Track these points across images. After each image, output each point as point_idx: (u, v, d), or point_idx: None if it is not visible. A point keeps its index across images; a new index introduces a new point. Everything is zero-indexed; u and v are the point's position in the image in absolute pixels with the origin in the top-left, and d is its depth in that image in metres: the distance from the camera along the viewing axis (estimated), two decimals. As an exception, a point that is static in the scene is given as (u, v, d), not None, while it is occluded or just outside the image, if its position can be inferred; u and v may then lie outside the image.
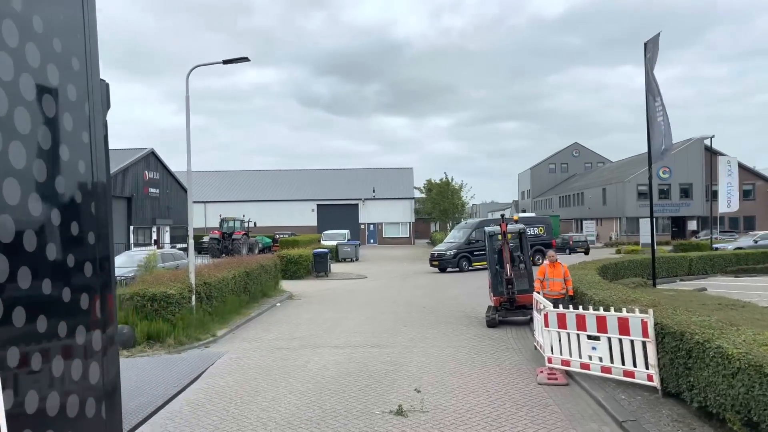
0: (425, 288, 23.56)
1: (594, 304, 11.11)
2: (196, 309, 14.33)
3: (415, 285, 24.86)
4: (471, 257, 30.51)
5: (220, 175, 74.89)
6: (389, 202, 65.80)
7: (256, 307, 18.27)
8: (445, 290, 22.61)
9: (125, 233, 44.18)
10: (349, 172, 75.32)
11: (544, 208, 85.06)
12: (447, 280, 26.36)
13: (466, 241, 30.71)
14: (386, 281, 26.88)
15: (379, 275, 29.96)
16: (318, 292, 23.29)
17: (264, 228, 58.42)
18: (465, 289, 22.90)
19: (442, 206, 44.20)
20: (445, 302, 19.19)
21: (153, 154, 48.60)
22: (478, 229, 31.28)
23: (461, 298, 20.25)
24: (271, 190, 69.16)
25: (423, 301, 19.40)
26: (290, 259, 28.24)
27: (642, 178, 54.18)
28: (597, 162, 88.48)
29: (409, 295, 21.36)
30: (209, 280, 15.12)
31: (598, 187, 61.71)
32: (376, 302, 19.54)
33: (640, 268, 23.14)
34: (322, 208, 65.87)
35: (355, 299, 20.54)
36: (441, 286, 24.27)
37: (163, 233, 50.63)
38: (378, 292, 22.64)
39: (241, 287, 17.81)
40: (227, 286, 16.39)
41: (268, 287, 20.99)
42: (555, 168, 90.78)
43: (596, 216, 59.12)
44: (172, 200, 51.91)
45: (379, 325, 15.13)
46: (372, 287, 24.33)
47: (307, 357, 11.63)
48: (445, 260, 30.22)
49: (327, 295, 21.92)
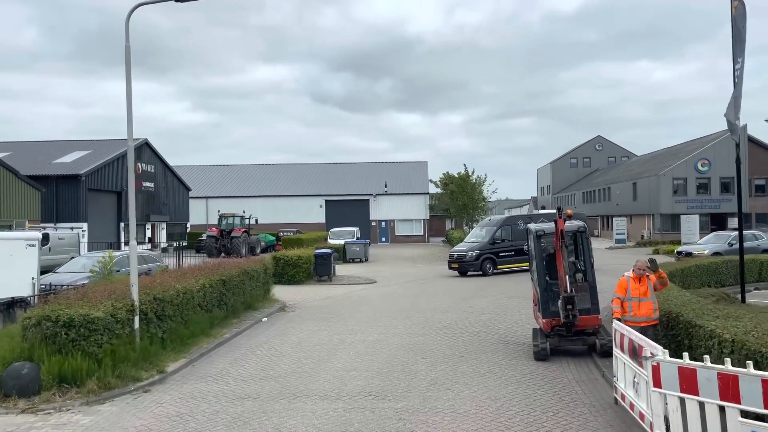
0: (445, 297, 19.67)
1: (720, 344, 7.18)
2: (141, 334, 10.58)
3: (433, 293, 20.98)
4: (496, 259, 26.56)
5: (224, 169, 71.37)
6: (402, 197, 61.81)
7: (234, 325, 14.51)
8: (470, 301, 18.71)
9: (115, 230, 40.70)
10: (359, 165, 71.45)
11: (566, 203, 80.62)
12: (470, 287, 22.46)
13: (490, 241, 26.75)
14: (398, 287, 23.03)
15: (391, 279, 26.12)
16: (317, 301, 19.50)
17: (269, 225, 54.83)
18: (494, 299, 18.98)
19: (461, 201, 40.14)
20: (472, 318, 15.28)
21: (147, 145, 45.07)
22: (505, 226, 27.34)
23: (491, 312, 16.33)
24: (277, 184, 65.49)
25: (444, 317, 15.51)
26: (287, 261, 24.48)
27: (678, 171, 49.76)
28: (621, 156, 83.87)
29: (426, 307, 17.48)
30: (162, 294, 11.35)
31: (627, 182, 57.26)
32: (385, 317, 15.70)
33: (707, 274, 19.10)
34: (331, 204, 62.05)
35: (359, 312, 16.71)
36: (464, 294, 20.37)
37: (159, 230, 47.13)
38: (388, 302, 18.79)
39: (215, 300, 14.04)
40: (191, 299, 12.62)
41: (255, 297, 17.23)
42: (577, 162, 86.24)
43: (625, 212, 54.76)
44: (168, 195, 48.41)
45: (389, 355, 11.28)
46: (381, 295, 20.50)
47: (276, 421, 7.79)
48: (467, 262, 26.29)
49: (327, 306, 18.12)
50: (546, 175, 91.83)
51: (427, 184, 62.89)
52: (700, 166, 48.90)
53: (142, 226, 44.23)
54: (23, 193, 30.81)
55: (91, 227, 36.92)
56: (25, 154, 40.88)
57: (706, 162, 48.87)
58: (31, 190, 31.21)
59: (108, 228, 39.65)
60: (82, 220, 35.99)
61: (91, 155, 39.96)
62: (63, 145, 43.52)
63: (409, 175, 66.46)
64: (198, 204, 60.07)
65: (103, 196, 39.37)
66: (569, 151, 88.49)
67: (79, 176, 35.68)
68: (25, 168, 37.00)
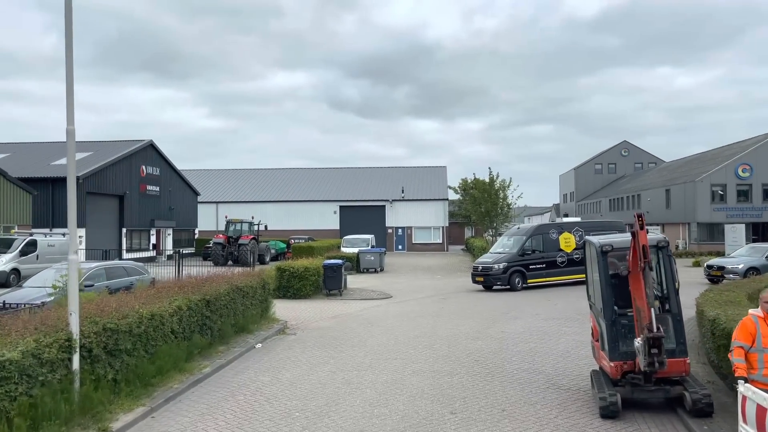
0: (471, 318, 16.98)
1: None
2: (83, 378, 8.08)
3: (456, 312, 18.29)
4: (526, 272, 23.79)
5: (235, 174, 69.26)
6: (420, 203, 59.08)
7: (220, 354, 12.00)
8: (501, 324, 16.00)
9: (116, 237, 38.55)
10: (375, 170, 68.90)
11: (591, 211, 77.39)
12: (498, 306, 19.74)
13: (519, 252, 23.99)
14: (416, 304, 20.39)
15: (408, 294, 23.48)
16: (323, 320, 16.93)
17: (280, 231, 52.49)
18: (528, 322, 16.25)
19: (485, 207, 37.30)
20: (507, 349, 12.58)
21: (152, 147, 42.96)
22: (535, 236, 24.58)
23: (528, 340, 13.62)
24: (290, 189, 63.14)
25: (473, 347, 12.83)
26: (293, 273, 21.95)
27: (717, 177, 46.46)
28: (648, 162, 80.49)
29: (450, 331, 14.81)
30: (116, 323, 8.83)
31: (659, 188, 53.97)
32: (402, 345, 13.07)
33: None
34: (345, 210, 59.50)
35: (372, 337, 14.09)
36: (492, 315, 17.67)
37: (164, 237, 44.95)
38: (406, 323, 16.15)
39: (195, 325, 11.53)
40: (161, 326, 10.11)
41: (250, 318, 14.69)
42: (602, 168, 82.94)
43: (657, 221, 51.52)
44: (175, 200, 46.24)
45: (407, 406, 8.64)
46: (397, 314, 17.87)
47: None
48: (493, 276, 23.56)
49: (334, 328, 15.53)
50: (569, 181, 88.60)
51: (446, 190, 60.13)
52: (741, 172, 45.55)
53: (145, 232, 42.10)
54: (13, 196, 28.73)
55: (90, 233, 34.76)
56: (23, 156, 39.02)
57: (747, 167, 45.52)
58: (22, 192, 29.12)
59: (108, 234, 37.51)
60: (79, 225, 33.68)
61: (92, 157, 37.90)
62: (63, 146, 41.39)
63: (427, 181, 63.75)
64: (207, 209, 57.91)
65: (103, 200, 37.24)
66: (594, 156, 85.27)
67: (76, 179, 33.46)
68: (21, 170, 35.03)
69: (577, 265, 24.65)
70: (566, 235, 24.80)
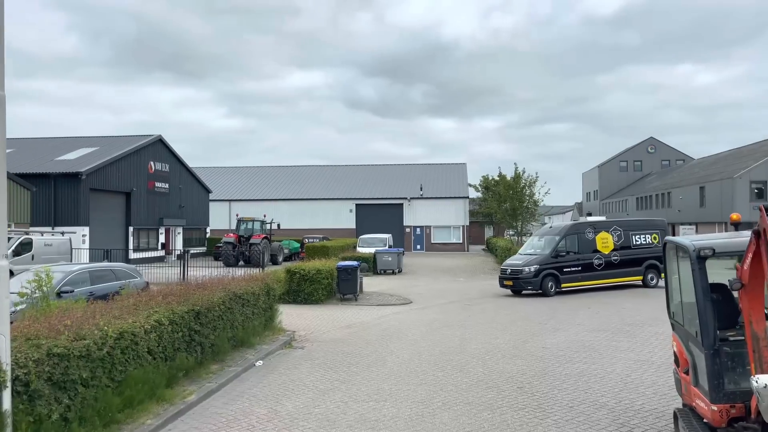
0: (504, 330, 14.91)
1: None
2: (19, 420, 6.19)
3: (487, 322, 16.22)
4: (560, 276, 21.64)
5: (249, 171, 67.65)
6: (439, 201, 56.90)
7: (211, 376, 10.11)
8: (540, 336, 13.90)
9: (122, 236, 36.96)
10: (392, 167, 66.84)
11: (616, 210, 74.65)
12: (534, 313, 17.63)
13: (552, 253, 21.83)
14: (440, 311, 18.37)
15: (430, 298, 21.47)
16: (336, 331, 14.99)
17: (295, 230, 50.81)
18: (571, 334, 14.12)
19: (511, 205, 35.00)
20: (554, 371, 10.50)
21: (161, 142, 41.36)
22: (570, 235, 22.41)
23: (576, 358, 11.51)
24: (305, 187, 61.32)
25: (512, 368, 10.76)
26: (304, 276, 20.05)
27: (757, 174, 43.74)
28: (676, 159, 77.50)
29: (482, 346, 12.76)
30: (67, 346, 6.91)
31: (692, 186, 51.23)
32: (426, 364, 11.06)
33: None
34: (362, 209, 57.53)
35: (390, 354, 12.10)
36: (529, 324, 15.58)
37: (174, 235, 43.35)
38: (429, 335, 14.14)
39: (180, 341, 9.63)
40: (133, 346, 8.21)
41: (251, 330, 12.79)
42: (627, 166, 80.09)
43: (690, 220, 48.89)
44: (185, 197, 44.63)
45: (439, 458, 6.63)
46: (419, 323, 15.85)
47: None
48: (523, 279, 21.43)
49: (347, 341, 13.56)
50: (593, 179, 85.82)
51: (467, 188, 57.93)
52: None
53: (154, 230, 40.50)
54: (10, 192, 27.14)
55: (94, 232, 33.21)
56: (27, 151, 37.61)
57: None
58: (20, 189, 27.56)
59: (114, 233, 35.94)
60: (82, 224, 32.29)
61: (97, 153, 36.38)
62: (69, 142, 40.15)
63: (447, 178, 61.57)
64: (220, 207, 56.31)
65: (108, 197, 35.66)
66: (618, 154, 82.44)
67: (79, 174, 31.96)
68: (22, 165, 33.61)
69: (616, 268, 22.49)
70: (603, 234, 22.61)
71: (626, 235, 23.06)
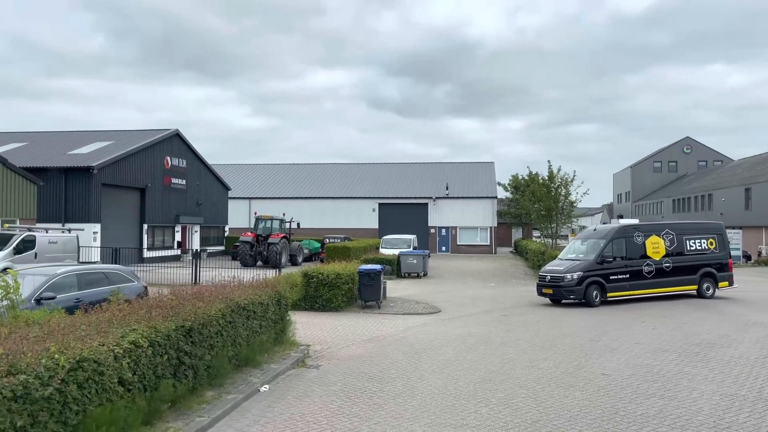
0: (552, 348, 12.87)
1: None
2: None
3: (530, 338, 14.19)
4: (606, 284, 19.48)
5: (269, 169, 66.22)
6: (466, 201, 54.72)
7: (203, 407, 8.30)
8: (595, 358, 11.83)
9: (137, 233, 35.57)
10: (417, 166, 64.81)
11: (650, 213, 71.63)
12: (581, 328, 15.55)
13: (597, 259, 19.68)
14: (473, 322, 16.38)
15: (460, 307, 19.50)
16: (356, 345, 13.12)
17: (315, 230, 49.20)
18: (632, 355, 12.01)
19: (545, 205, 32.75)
20: (626, 409, 8.45)
21: (178, 137, 39.94)
22: (617, 239, 20.22)
23: (649, 391, 9.43)
24: (326, 186, 59.63)
25: (571, 401, 8.74)
26: (322, 280, 18.21)
27: (810, 175, 40.79)
28: (714, 160, 74.19)
29: (529, 371, 10.75)
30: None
31: (736, 187, 48.33)
32: (466, 398, 9.11)
33: None
34: (385, 208, 55.62)
35: (420, 382, 10.17)
36: (578, 342, 13.50)
37: (191, 234, 41.93)
38: (465, 355, 12.18)
39: (165, 367, 7.82)
40: (101, 377, 6.41)
41: (258, 345, 10.97)
42: (661, 166, 76.95)
43: (734, 224, 45.99)
44: (203, 194, 43.19)
45: None
46: (451, 339, 13.89)
47: None
48: (565, 287, 19.32)
49: (368, 361, 11.67)
50: (624, 180, 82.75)
51: (495, 187, 55.61)
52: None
53: (170, 228, 39.08)
54: (16, 186, 25.85)
55: (106, 229, 31.83)
56: (41, 145, 36.48)
57: None
58: (26, 183, 26.20)
59: (127, 230, 34.58)
60: (94, 220, 30.90)
61: (112, 146, 35.05)
62: (84, 135, 38.93)
63: (474, 177, 59.36)
64: (239, 205, 54.92)
65: (122, 192, 34.30)
66: (652, 154, 79.35)
67: (90, 169, 30.56)
68: (34, 159, 32.42)
69: (667, 276, 20.26)
70: (654, 239, 20.38)
71: (679, 239, 20.80)
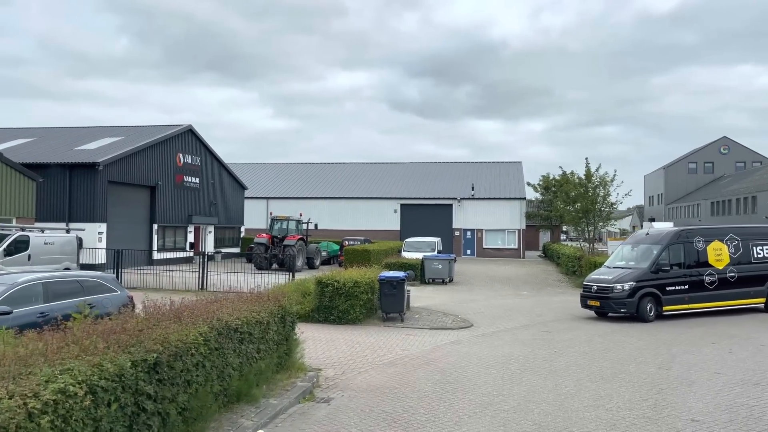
0: (614, 376, 10.53)
1: None
2: None
3: (584, 364, 11.85)
4: (662, 296, 17.02)
5: (287, 168, 64.44)
6: (492, 202, 52.24)
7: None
8: (671, 391, 9.48)
9: (146, 234, 33.84)
10: (441, 166, 62.47)
11: (685, 215, 68.37)
12: (641, 349, 13.17)
13: (651, 267, 17.23)
14: (513, 340, 14.09)
15: (494, 319, 17.21)
16: (376, 371, 10.93)
17: (334, 231, 47.20)
18: (716, 389, 9.63)
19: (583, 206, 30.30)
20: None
21: (192, 133, 38.20)
22: (674, 245, 17.74)
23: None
24: (346, 186, 57.60)
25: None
26: (337, 289, 16.05)
27: None
28: (752, 161, 70.69)
29: (595, 412, 8.46)
30: None
31: (784, 189, 45.28)
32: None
33: None
34: (407, 209, 53.41)
35: (456, 427, 7.95)
36: (643, 368, 11.14)
37: (205, 235, 40.16)
38: (508, 386, 9.92)
39: (115, 420, 5.68)
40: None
41: (257, 374, 8.86)
42: (696, 167, 73.56)
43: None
44: (218, 194, 41.42)
45: None
46: (490, 363, 11.63)
47: None
48: (615, 300, 16.91)
49: (389, 394, 9.46)
50: (657, 182, 79.42)
51: (524, 188, 53.05)
52: None
53: (182, 228, 37.34)
54: (13, 183, 24.18)
55: (113, 229, 30.11)
56: (48, 141, 35.00)
57: None
58: (24, 179, 24.52)
59: (136, 230, 32.87)
60: (99, 220, 29.19)
61: (120, 143, 33.39)
62: (93, 131, 37.36)
63: (501, 177, 56.84)
64: (256, 205, 53.14)
65: (131, 190, 32.59)
66: (687, 154, 75.99)
67: (96, 165, 28.84)
68: (38, 155, 30.86)
69: (732, 288, 17.73)
70: (716, 244, 17.87)
71: (745, 245, 18.26)
